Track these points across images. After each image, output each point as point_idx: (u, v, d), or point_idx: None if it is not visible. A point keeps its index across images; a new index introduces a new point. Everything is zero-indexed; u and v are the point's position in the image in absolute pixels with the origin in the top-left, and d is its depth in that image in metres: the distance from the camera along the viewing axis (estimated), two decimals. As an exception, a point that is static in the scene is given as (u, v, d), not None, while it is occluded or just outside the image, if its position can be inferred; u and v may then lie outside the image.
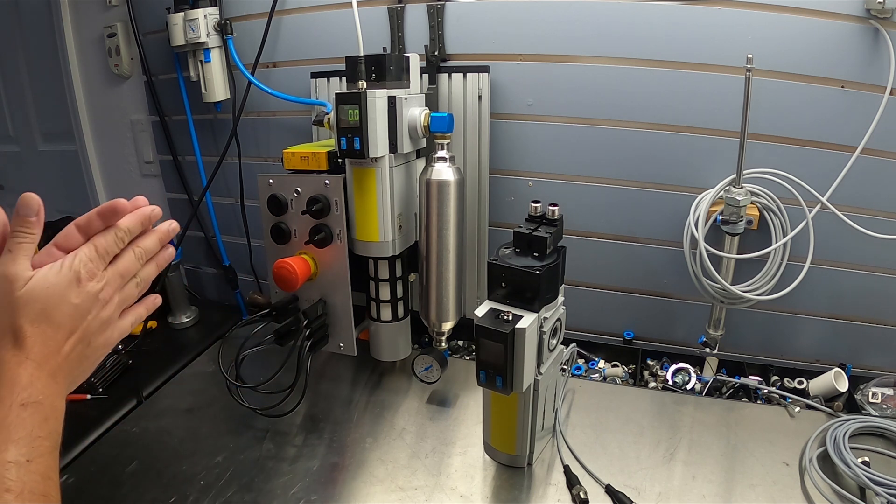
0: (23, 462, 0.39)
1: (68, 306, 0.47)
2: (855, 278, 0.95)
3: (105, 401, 1.01)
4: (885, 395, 0.89)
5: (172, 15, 1.11)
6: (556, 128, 1.00)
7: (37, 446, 0.40)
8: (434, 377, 0.94)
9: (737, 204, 0.87)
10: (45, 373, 0.45)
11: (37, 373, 0.44)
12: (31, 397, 0.42)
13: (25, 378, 0.43)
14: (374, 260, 0.92)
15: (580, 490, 0.74)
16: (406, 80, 0.88)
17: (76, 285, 0.48)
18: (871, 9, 0.79)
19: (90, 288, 0.49)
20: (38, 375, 0.44)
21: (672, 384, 0.99)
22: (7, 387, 0.42)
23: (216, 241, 1.35)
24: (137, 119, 1.38)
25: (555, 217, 0.73)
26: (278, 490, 0.78)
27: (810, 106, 0.87)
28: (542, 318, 0.71)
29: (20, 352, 0.44)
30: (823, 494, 0.72)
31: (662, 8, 0.89)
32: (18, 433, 0.40)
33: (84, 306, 0.48)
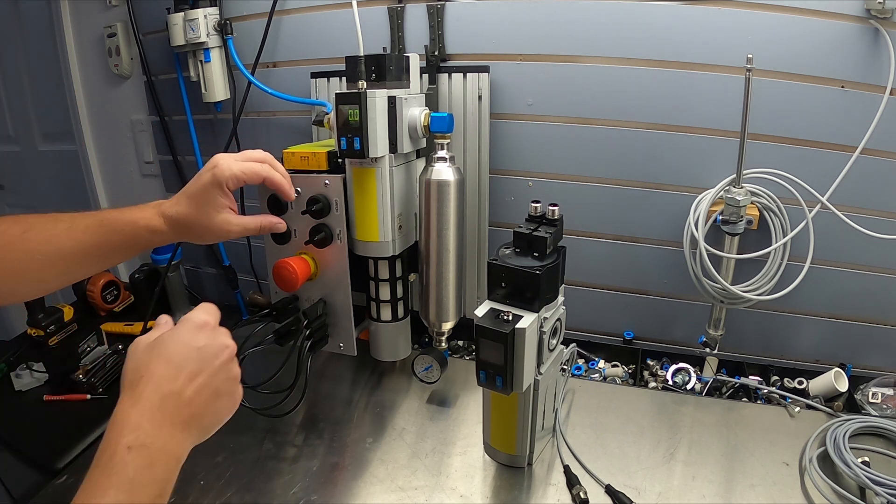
0: None
1: (191, 349, 0.47)
2: (855, 278, 0.95)
3: (105, 401, 1.02)
4: (885, 395, 0.89)
5: (172, 15, 1.11)
6: (556, 128, 1.00)
7: (137, 493, 0.38)
8: (434, 377, 0.94)
9: (737, 204, 0.87)
10: (160, 416, 0.43)
11: (148, 415, 0.42)
12: (137, 440, 0.40)
13: (135, 419, 0.42)
14: (374, 260, 0.92)
15: (580, 490, 0.74)
16: (406, 80, 0.88)
17: (200, 330, 0.49)
18: (871, 9, 0.79)
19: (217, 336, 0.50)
20: (150, 418, 0.42)
21: (672, 384, 0.99)
22: (116, 428, 0.41)
23: (216, 241, 1.35)
24: (137, 119, 1.38)
25: (555, 217, 0.74)
26: (278, 490, 0.78)
27: (810, 106, 0.87)
28: (542, 318, 0.71)
29: (134, 392, 0.43)
30: (823, 494, 0.72)
31: (662, 8, 0.89)
32: (119, 477, 0.39)
33: (209, 350, 0.48)
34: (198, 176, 0.69)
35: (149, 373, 0.45)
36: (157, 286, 1.17)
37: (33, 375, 1.07)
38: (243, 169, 0.70)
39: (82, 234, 0.63)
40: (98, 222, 0.64)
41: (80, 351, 1.12)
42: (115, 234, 0.65)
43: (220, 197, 0.68)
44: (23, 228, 0.60)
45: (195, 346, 0.48)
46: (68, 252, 0.62)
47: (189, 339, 0.48)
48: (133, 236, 0.66)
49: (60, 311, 1.07)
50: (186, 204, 0.68)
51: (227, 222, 0.69)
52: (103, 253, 0.65)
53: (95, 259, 0.65)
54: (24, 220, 0.61)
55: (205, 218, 0.68)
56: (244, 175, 0.70)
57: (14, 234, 0.60)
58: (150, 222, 0.67)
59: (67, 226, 0.63)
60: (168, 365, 0.46)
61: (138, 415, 0.42)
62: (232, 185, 0.69)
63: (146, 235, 0.67)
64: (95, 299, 1.30)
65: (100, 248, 0.64)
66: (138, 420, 0.42)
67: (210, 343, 0.49)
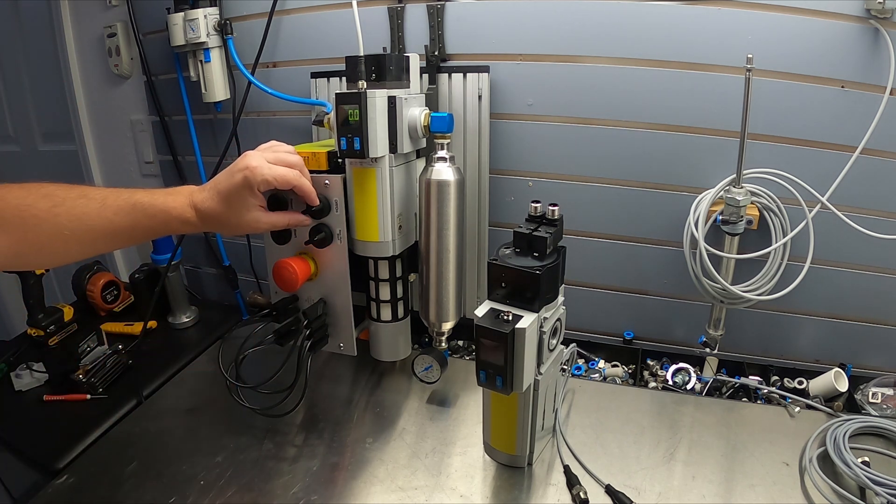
0: None
1: None
2: (855, 278, 0.95)
3: (105, 401, 1.01)
4: (885, 395, 0.89)
5: (172, 15, 1.11)
6: (556, 128, 1.00)
7: None
8: (434, 377, 0.94)
9: (737, 204, 0.87)
10: None
11: None
12: None
13: None
14: (374, 260, 0.92)
15: (580, 490, 0.74)
16: (406, 80, 0.88)
17: None
18: (871, 9, 0.79)
19: None
20: None
21: (672, 384, 0.99)
22: None
23: (216, 241, 1.35)
24: (137, 119, 1.38)
25: (555, 217, 0.73)
26: (278, 490, 0.78)
27: (810, 106, 0.87)
28: (542, 318, 0.71)
29: None
30: (823, 494, 0.72)
31: (662, 8, 0.89)
32: None
33: None
34: (230, 173, 0.72)
35: None
36: (157, 286, 1.17)
37: (33, 375, 1.07)
38: (275, 175, 0.73)
39: (114, 216, 0.65)
40: (130, 205, 0.66)
41: (80, 351, 1.12)
42: (146, 218, 0.67)
43: (251, 198, 0.73)
44: (52, 203, 0.61)
45: None
46: (98, 230, 0.64)
47: None
48: (165, 223, 0.69)
49: (60, 311, 1.07)
50: (218, 201, 0.71)
51: (256, 220, 0.74)
52: (132, 234, 0.68)
53: (123, 239, 0.68)
54: (52, 194, 0.62)
55: (235, 216, 0.72)
56: (275, 181, 0.73)
57: (42, 209, 0.61)
58: (184, 214, 0.70)
59: (99, 205, 0.64)
60: None
61: None
62: (263, 189, 0.73)
63: (177, 225, 0.70)
64: (95, 299, 1.30)
65: (129, 230, 0.66)
66: None
67: None
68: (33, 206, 0.60)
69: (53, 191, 0.62)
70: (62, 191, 0.63)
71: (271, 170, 0.72)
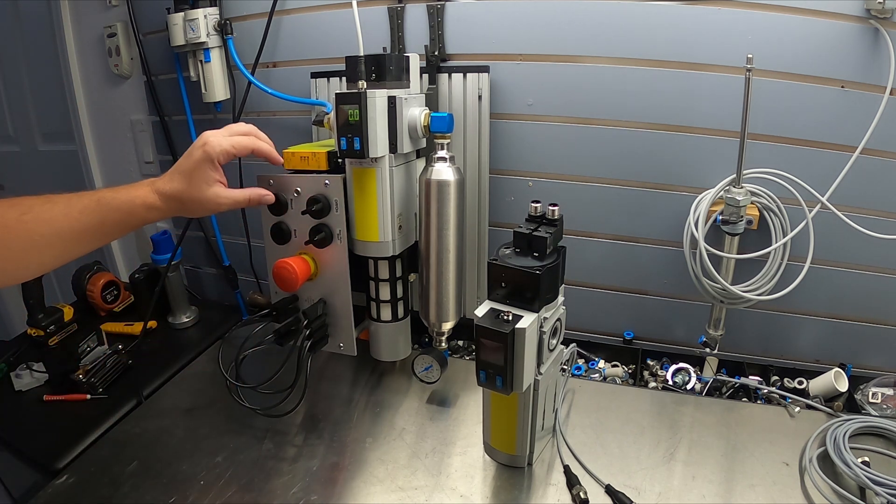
0: None
1: None
2: (855, 278, 0.95)
3: (105, 401, 1.01)
4: (885, 395, 0.89)
5: (172, 15, 1.11)
6: (556, 128, 1.00)
7: None
8: (434, 377, 0.94)
9: (737, 204, 0.87)
10: None
11: None
12: None
13: None
14: (374, 260, 0.92)
15: (580, 490, 0.74)
16: (406, 80, 0.88)
17: None
18: (871, 9, 0.79)
19: None
20: None
21: (672, 384, 0.99)
22: None
23: (216, 241, 1.35)
24: (137, 119, 1.38)
25: (555, 217, 0.73)
26: (278, 490, 0.78)
27: (810, 106, 0.87)
28: (542, 318, 0.71)
29: None
30: (823, 494, 0.72)
31: (662, 8, 0.89)
32: None
33: None
34: (188, 153, 0.72)
35: None
36: (157, 286, 1.17)
37: (33, 375, 1.07)
38: (232, 143, 0.73)
39: (80, 215, 0.65)
40: (95, 202, 0.66)
41: (80, 351, 1.12)
42: (112, 212, 0.67)
43: (211, 171, 0.72)
44: (20, 212, 0.62)
45: None
46: (66, 233, 0.65)
47: None
48: (130, 213, 0.69)
49: (60, 311, 1.08)
50: (179, 180, 0.71)
51: (217, 195, 0.73)
52: (101, 232, 0.68)
53: (93, 238, 0.68)
54: (19, 202, 0.62)
55: (196, 192, 0.72)
56: (234, 150, 0.73)
57: (11, 218, 0.61)
58: (147, 199, 0.70)
59: (64, 207, 0.65)
60: None
61: None
62: (223, 160, 0.73)
63: (143, 212, 0.70)
64: (95, 299, 1.30)
65: (98, 227, 0.67)
66: None
67: None
68: (2, 215, 0.61)
69: (19, 200, 0.63)
70: (28, 199, 0.63)
71: (229, 139, 0.73)
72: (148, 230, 1.50)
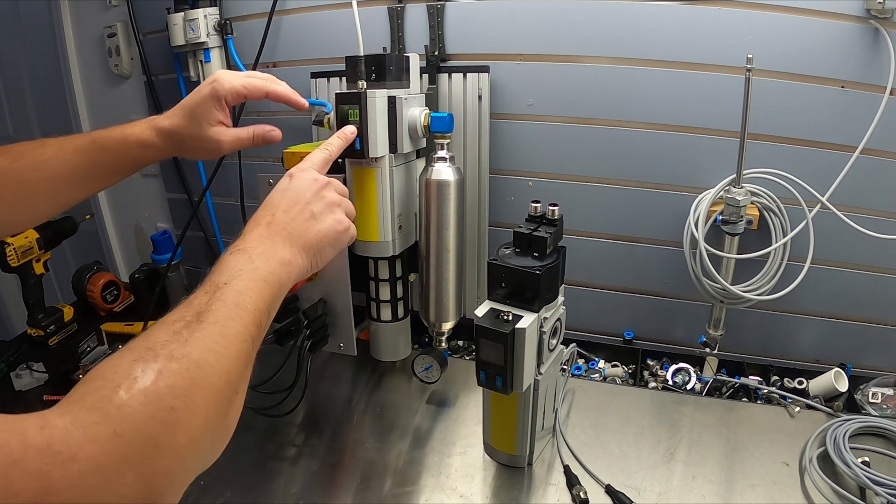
0: (220, 285, 0.47)
1: (283, 192, 0.59)
2: (855, 278, 0.95)
3: (105, 401, 1.01)
4: (885, 395, 0.89)
5: (172, 15, 1.11)
6: (556, 128, 1.00)
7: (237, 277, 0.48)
8: (434, 377, 0.94)
9: (737, 204, 0.87)
10: (259, 234, 0.54)
11: (251, 235, 0.54)
12: (237, 247, 0.52)
13: (240, 241, 0.53)
14: (374, 260, 0.92)
15: (580, 490, 0.74)
16: (406, 80, 0.88)
17: (290, 177, 0.61)
18: (871, 9, 0.79)
19: (305, 175, 0.61)
20: (252, 237, 0.54)
21: (672, 384, 0.99)
22: (235, 242, 0.53)
23: (216, 241, 1.35)
24: (137, 119, 1.38)
25: (555, 217, 0.74)
26: (278, 490, 0.78)
27: (810, 106, 0.87)
28: (542, 318, 0.71)
29: (252, 222, 0.56)
30: (823, 494, 0.72)
31: (662, 8, 0.89)
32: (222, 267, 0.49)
33: (298, 186, 0.60)
34: (197, 89, 0.67)
35: (252, 219, 0.57)
36: (158, 286, 1.17)
37: (33, 375, 1.07)
38: (244, 84, 0.68)
39: (72, 156, 0.62)
40: (88, 142, 0.63)
41: (80, 351, 1.12)
42: (105, 152, 0.64)
43: (216, 110, 0.67)
44: (11, 158, 0.59)
45: (284, 188, 0.59)
46: (59, 175, 0.62)
47: (280, 187, 0.60)
48: (124, 153, 0.65)
49: (60, 311, 1.08)
50: (181, 116, 0.66)
51: (218, 133, 0.68)
52: (95, 173, 0.65)
53: (87, 181, 0.65)
54: (11, 149, 0.60)
55: (196, 129, 0.66)
56: (245, 90, 0.68)
57: (3, 165, 0.59)
58: (142, 136, 0.65)
59: (56, 149, 0.62)
60: (265, 208, 0.58)
61: (243, 238, 0.53)
62: (231, 100, 0.67)
63: (137, 151, 0.66)
64: (95, 299, 1.30)
65: (91, 168, 0.64)
66: (243, 240, 0.53)
67: (297, 182, 0.60)
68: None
69: (12, 147, 0.60)
70: (21, 145, 0.61)
71: (240, 79, 0.67)
72: (148, 231, 1.50)
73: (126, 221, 1.56)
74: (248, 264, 0.49)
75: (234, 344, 0.43)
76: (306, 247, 0.56)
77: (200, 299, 0.45)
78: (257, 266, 0.49)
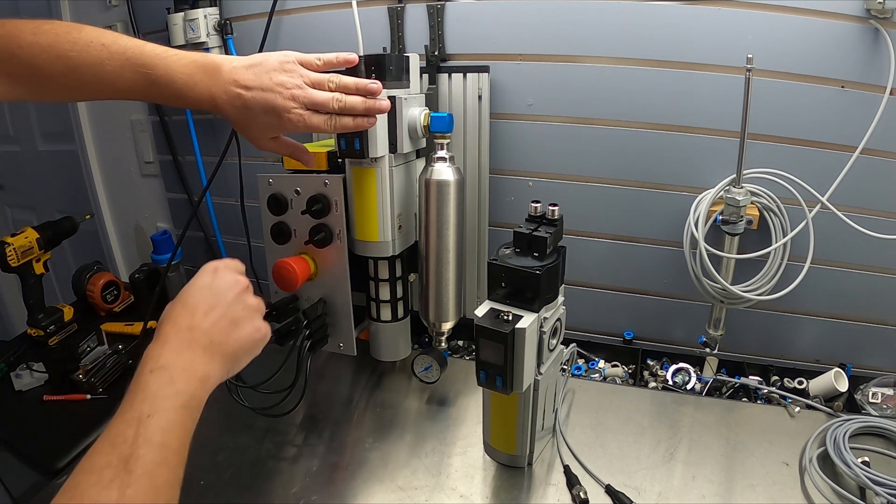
0: (143, 417, 0.44)
1: (203, 289, 0.56)
2: (855, 278, 0.95)
3: (105, 401, 1.01)
4: (885, 395, 0.89)
5: (172, 15, 1.11)
6: (556, 128, 1.00)
7: (159, 403, 0.46)
8: (434, 377, 0.94)
9: (737, 204, 0.87)
10: (178, 344, 0.50)
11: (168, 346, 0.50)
12: (157, 364, 0.48)
13: (156, 352, 0.49)
14: (373, 260, 0.92)
15: (580, 490, 0.74)
16: (406, 80, 0.88)
17: (212, 272, 0.58)
18: (871, 9, 0.79)
19: (226, 275, 0.58)
20: (170, 347, 0.50)
21: (672, 384, 0.99)
22: (141, 363, 0.49)
23: (216, 241, 1.35)
24: (137, 119, 1.38)
25: (555, 217, 0.73)
26: (278, 490, 0.78)
27: (810, 106, 0.87)
28: (542, 318, 0.71)
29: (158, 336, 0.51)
30: (823, 494, 0.72)
31: (662, 8, 0.89)
32: (143, 394, 0.46)
33: (220, 287, 0.56)
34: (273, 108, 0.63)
35: (170, 318, 0.52)
36: (158, 286, 1.17)
37: (33, 375, 1.07)
38: (289, 147, 0.71)
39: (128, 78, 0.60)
40: (143, 79, 0.60)
41: (80, 351, 1.12)
42: (154, 95, 0.62)
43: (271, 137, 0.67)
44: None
45: (206, 286, 0.56)
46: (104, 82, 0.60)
47: (201, 282, 0.56)
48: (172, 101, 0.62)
49: (60, 311, 1.07)
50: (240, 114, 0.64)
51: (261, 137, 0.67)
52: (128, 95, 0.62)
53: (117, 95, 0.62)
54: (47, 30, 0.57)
55: (246, 131, 0.66)
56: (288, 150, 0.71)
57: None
58: (197, 105, 0.63)
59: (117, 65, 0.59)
60: (184, 307, 0.53)
61: (159, 348, 0.49)
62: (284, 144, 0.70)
63: (183, 105, 0.64)
64: (95, 299, 1.30)
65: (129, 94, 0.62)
66: (159, 351, 0.49)
67: (220, 281, 0.56)
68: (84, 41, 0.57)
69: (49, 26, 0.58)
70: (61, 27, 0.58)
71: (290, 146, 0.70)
72: (148, 231, 1.50)
73: (126, 221, 1.56)
74: (170, 388, 0.47)
75: (165, 493, 0.43)
76: (225, 356, 0.53)
77: (125, 435, 0.42)
78: (179, 389, 0.47)
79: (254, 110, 0.62)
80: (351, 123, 0.66)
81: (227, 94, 0.61)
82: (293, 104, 0.62)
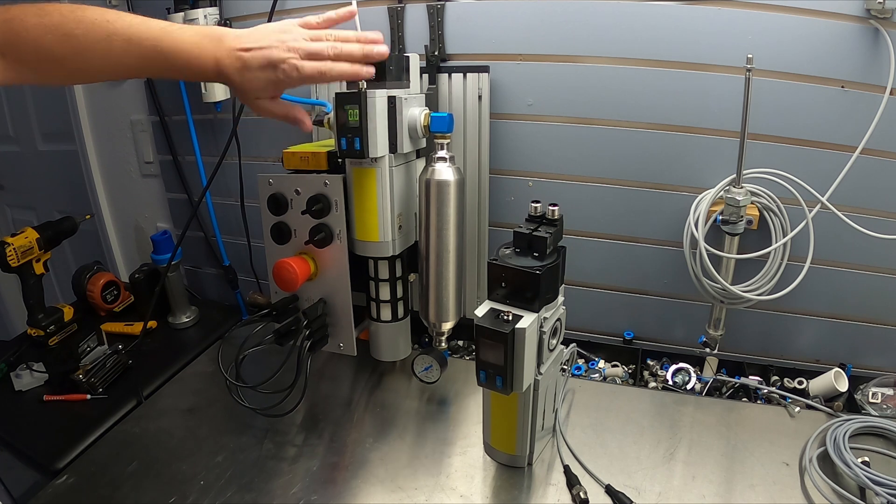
0: None
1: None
2: (855, 278, 0.95)
3: (105, 401, 1.01)
4: (885, 395, 0.89)
5: (172, 15, 1.11)
6: (556, 128, 1.00)
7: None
8: (434, 377, 0.94)
9: (737, 204, 0.87)
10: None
11: None
12: None
13: None
14: (374, 260, 0.92)
15: (580, 490, 0.74)
16: (406, 80, 0.88)
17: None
18: (871, 9, 0.79)
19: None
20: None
21: (672, 384, 0.99)
22: None
23: (216, 241, 1.35)
24: (137, 119, 1.38)
25: (555, 217, 0.74)
26: (278, 490, 0.78)
27: (810, 106, 0.87)
28: (542, 318, 0.71)
29: None
30: (823, 494, 0.72)
31: (662, 8, 0.89)
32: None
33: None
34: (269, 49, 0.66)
35: None
36: (157, 286, 1.17)
37: (33, 375, 1.07)
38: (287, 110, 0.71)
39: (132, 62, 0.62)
40: (154, 50, 0.62)
41: (80, 351, 1.12)
42: (160, 70, 0.64)
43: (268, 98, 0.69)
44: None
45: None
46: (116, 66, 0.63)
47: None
48: (181, 73, 0.65)
49: (60, 311, 1.07)
50: None
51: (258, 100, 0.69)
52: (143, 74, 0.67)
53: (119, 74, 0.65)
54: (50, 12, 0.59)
55: (243, 95, 0.68)
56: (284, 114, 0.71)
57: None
58: (202, 76, 0.66)
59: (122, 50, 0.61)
60: None
61: None
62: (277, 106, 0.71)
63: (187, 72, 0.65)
64: (95, 299, 1.30)
65: (144, 70, 0.65)
66: None
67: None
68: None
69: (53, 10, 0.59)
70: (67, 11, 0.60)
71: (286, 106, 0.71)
72: (148, 231, 1.50)
73: (126, 221, 1.56)
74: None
75: None
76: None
77: None
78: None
79: (252, 68, 0.64)
80: (348, 70, 0.68)
81: (229, 58, 0.64)
82: (290, 54, 0.64)
